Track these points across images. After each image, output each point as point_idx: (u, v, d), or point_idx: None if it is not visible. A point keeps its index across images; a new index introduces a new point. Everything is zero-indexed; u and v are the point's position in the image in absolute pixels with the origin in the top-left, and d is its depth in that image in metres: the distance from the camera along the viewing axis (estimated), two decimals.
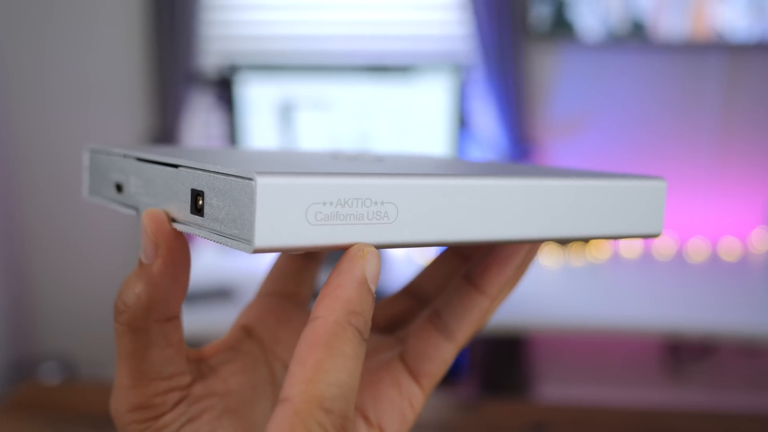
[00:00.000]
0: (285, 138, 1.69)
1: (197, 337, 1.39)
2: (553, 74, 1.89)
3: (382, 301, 0.33)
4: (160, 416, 0.27)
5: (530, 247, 0.29)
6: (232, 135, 1.72)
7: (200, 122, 1.97)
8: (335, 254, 0.23)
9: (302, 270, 0.33)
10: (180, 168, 0.24)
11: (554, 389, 2.03)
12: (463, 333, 0.28)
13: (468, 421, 1.17)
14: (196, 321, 1.40)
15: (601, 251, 1.86)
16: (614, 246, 1.91)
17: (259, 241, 0.20)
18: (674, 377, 2.00)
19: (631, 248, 1.90)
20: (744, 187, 1.91)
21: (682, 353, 1.97)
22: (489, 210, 0.24)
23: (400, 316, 0.32)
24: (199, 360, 0.29)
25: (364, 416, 0.28)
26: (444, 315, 0.29)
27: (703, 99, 1.89)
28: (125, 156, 0.28)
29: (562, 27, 1.80)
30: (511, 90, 1.83)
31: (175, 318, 0.27)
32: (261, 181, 0.20)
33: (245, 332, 0.31)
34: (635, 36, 1.79)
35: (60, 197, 2.04)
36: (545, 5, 1.79)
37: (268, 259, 1.87)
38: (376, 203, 0.22)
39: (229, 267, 1.70)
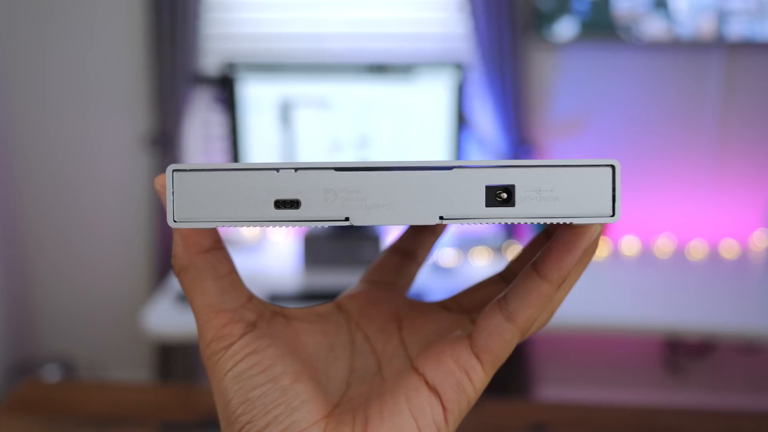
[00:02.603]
0: (285, 137, 1.69)
1: (196, 337, 1.39)
2: (552, 75, 1.89)
3: (473, 285, 0.35)
4: (229, 346, 0.30)
5: (588, 237, 0.29)
6: (232, 134, 1.72)
7: (200, 122, 1.97)
8: None
9: (400, 265, 0.36)
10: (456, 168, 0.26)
11: (554, 389, 2.03)
12: (522, 314, 0.29)
13: (468, 421, 1.17)
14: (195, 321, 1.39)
15: (601, 251, 1.86)
16: (614, 245, 1.91)
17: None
18: (674, 377, 2.00)
19: (631, 248, 1.90)
20: (743, 187, 1.91)
21: (682, 353, 1.97)
22: None
23: (485, 301, 0.34)
24: (275, 310, 0.32)
25: (425, 380, 0.30)
26: (508, 296, 0.30)
27: (702, 99, 1.89)
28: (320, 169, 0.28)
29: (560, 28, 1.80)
30: (511, 91, 1.83)
31: (213, 249, 0.31)
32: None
33: (335, 306, 0.34)
34: (633, 36, 1.79)
35: (60, 197, 2.04)
36: (543, 7, 1.79)
37: (265, 261, 1.87)
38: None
39: None
